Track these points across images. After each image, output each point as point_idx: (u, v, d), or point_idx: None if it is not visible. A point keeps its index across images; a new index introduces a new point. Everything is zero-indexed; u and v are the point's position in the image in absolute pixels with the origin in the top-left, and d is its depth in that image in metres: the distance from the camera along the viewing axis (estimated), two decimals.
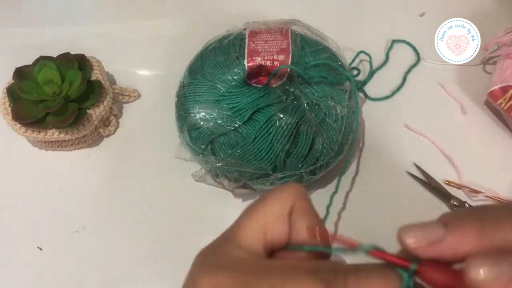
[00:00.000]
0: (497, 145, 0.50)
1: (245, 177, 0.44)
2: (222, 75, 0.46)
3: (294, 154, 0.43)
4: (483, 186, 0.47)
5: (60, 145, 0.50)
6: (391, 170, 0.49)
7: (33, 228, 0.47)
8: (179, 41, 0.57)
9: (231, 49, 0.47)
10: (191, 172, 0.47)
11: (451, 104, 0.53)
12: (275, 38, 0.47)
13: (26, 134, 0.47)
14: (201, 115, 0.45)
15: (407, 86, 0.54)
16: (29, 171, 0.50)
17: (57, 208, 0.48)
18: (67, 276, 0.44)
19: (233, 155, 0.43)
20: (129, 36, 0.58)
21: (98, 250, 0.46)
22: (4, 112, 0.48)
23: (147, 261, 0.45)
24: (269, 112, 0.44)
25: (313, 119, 0.44)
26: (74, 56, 0.50)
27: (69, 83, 0.47)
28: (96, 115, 0.49)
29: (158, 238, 0.46)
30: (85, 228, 0.47)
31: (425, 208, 0.47)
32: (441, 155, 0.49)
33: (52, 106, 0.46)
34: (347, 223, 0.46)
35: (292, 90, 0.45)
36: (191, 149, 0.45)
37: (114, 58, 0.55)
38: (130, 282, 0.44)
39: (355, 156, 0.50)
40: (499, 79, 0.49)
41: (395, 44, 0.56)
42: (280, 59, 0.45)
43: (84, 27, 0.59)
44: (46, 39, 0.58)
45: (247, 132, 0.43)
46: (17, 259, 0.45)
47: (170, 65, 0.55)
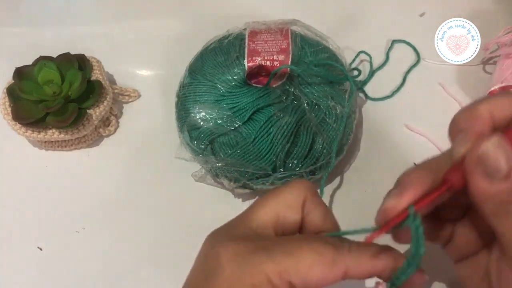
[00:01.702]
0: None
1: (245, 177, 0.44)
2: (222, 75, 0.46)
3: (294, 154, 0.43)
4: None
5: (60, 145, 0.50)
6: (391, 170, 0.49)
7: (33, 228, 0.47)
8: (179, 41, 0.57)
9: (231, 49, 0.47)
10: (191, 172, 0.47)
11: (451, 104, 0.53)
12: (275, 38, 0.47)
13: (26, 134, 0.47)
14: (201, 115, 0.45)
15: (407, 86, 0.54)
16: (29, 171, 0.50)
17: (57, 208, 0.48)
18: (67, 276, 0.44)
19: (233, 155, 0.43)
20: (129, 36, 0.58)
21: (98, 250, 0.46)
22: (4, 112, 0.48)
23: (147, 261, 0.45)
24: (269, 112, 0.44)
25: (313, 119, 0.44)
26: (74, 56, 0.50)
27: (69, 83, 0.47)
28: (96, 115, 0.49)
29: (158, 238, 0.46)
30: (85, 228, 0.47)
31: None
32: None
33: (52, 106, 0.46)
34: (347, 223, 0.46)
35: (292, 90, 0.45)
36: (191, 149, 0.45)
37: (114, 58, 0.55)
38: (130, 282, 0.44)
39: (355, 157, 0.50)
40: (499, 79, 0.49)
41: (395, 44, 0.56)
42: (280, 59, 0.45)
43: (84, 27, 0.59)
44: (46, 39, 0.58)
45: (247, 132, 0.43)
46: (17, 259, 0.45)
47: (170, 65, 0.55)
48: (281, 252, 0.24)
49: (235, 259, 0.25)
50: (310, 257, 0.24)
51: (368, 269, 0.25)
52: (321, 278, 0.24)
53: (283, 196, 0.29)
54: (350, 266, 0.25)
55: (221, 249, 0.25)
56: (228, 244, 0.26)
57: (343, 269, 0.24)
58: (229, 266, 0.25)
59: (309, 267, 0.24)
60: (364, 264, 0.25)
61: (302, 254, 0.24)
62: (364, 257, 0.25)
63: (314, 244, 0.25)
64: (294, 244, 0.25)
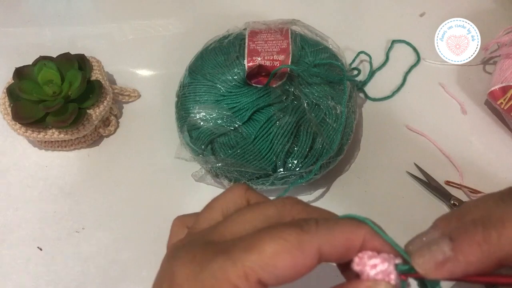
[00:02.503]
0: (497, 145, 0.50)
1: (245, 177, 0.44)
2: (222, 75, 0.46)
3: (294, 154, 0.43)
4: (483, 186, 0.47)
5: (60, 145, 0.50)
6: (391, 170, 0.49)
7: (33, 228, 0.47)
8: (179, 41, 0.57)
9: (231, 49, 0.47)
10: (191, 172, 0.47)
11: (451, 104, 0.53)
12: (275, 38, 0.47)
13: (26, 134, 0.47)
14: (201, 115, 0.45)
15: (407, 86, 0.54)
16: (29, 171, 0.50)
17: (57, 208, 0.48)
18: (67, 276, 0.44)
19: (233, 155, 0.43)
20: (129, 36, 0.58)
21: (98, 250, 0.46)
22: (4, 112, 0.48)
23: (147, 261, 0.45)
24: (269, 112, 0.44)
25: (313, 119, 0.44)
26: (74, 56, 0.50)
27: (69, 83, 0.47)
28: (96, 115, 0.49)
29: (158, 238, 0.46)
30: (85, 228, 0.47)
31: (425, 208, 0.47)
32: (441, 155, 0.49)
33: (52, 106, 0.46)
34: None
35: (292, 90, 0.45)
36: (191, 149, 0.45)
37: (114, 58, 0.55)
38: (130, 282, 0.44)
39: (355, 157, 0.50)
40: (499, 79, 0.49)
41: (395, 44, 0.56)
42: (280, 59, 0.45)
43: (84, 27, 0.59)
44: (46, 39, 0.58)
45: (247, 132, 0.43)
46: (17, 259, 0.45)
47: (170, 65, 0.55)
48: (241, 250, 0.21)
49: (192, 273, 0.22)
50: (274, 245, 0.21)
51: (343, 242, 0.22)
52: (293, 266, 0.21)
53: (223, 198, 0.27)
54: (323, 243, 0.21)
55: (177, 267, 0.23)
56: (184, 256, 0.23)
57: (315, 249, 0.21)
58: (187, 283, 0.22)
59: (275, 257, 0.21)
60: (338, 237, 0.22)
61: (264, 244, 0.21)
62: (335, 230, 0.22)
63: (275, 231, 0.22)
64: (254, 236, 0.22)
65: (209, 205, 0.27)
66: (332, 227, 0.22)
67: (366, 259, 0.22)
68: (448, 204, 0.46)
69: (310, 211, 0.24)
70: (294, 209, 0.24)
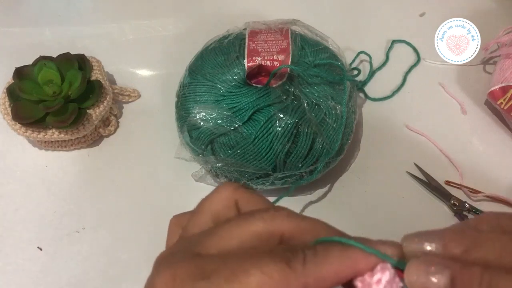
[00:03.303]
0: (497, 145, 0.50)
1: (245, 177, 0.44)
2: (222, 75, 0.46)
3: (294, 154, 0.43)
4: (483, 186, 0.47)
5: (60, 145, 0.50)
6: (391, 170, 0.49)
7: (33, 228, 0.47)
8: (179, 41, 0.57)
9: (231, 49, 0.47)
10: (191, 172, 0.47)
11: (451, 104, 0.53)
12: (275, 38, 0.47)
13: (26, 134, 0.47)
14: (201, 115, 0.45)
15: (407, 86, 0.54)
16: (29, 171, 0.50)
17: (57, 208, 0.48)
18: (67, 276, 0.44)
19: (233, 155, 0.43)
20: (129, 36, 0.58)
21: (98, 250, 0.46)
22: (4, 112, 0.48)
23: (147, 261, 0.45)
24: (269, 112, 0.44)
25: (313, 119, 0.44)
26: (74, 56, 0.50)
27: (69, 83, 0.47)
28: (96, 115, 0.49)
29: (158, 238, 0.46)
30: (85, 228, 0.47)
31: (425, 208, 0.47)
32: (441, 155, 0.49)
33: (52, 106, 0.46)
34: (347, 223, 0.46)
35: (292, 90, 0.45)
36: (191, 149, 0.45)
37: (114, 58, 0.55)
38: (130, 282, 0.44)
39: (355, 157, 0.50)
40: (499, 79, 0.49)
41: (395, 44, 0.56)
42: (280, 59, 0.45)
43: (84, 27, 0.59)
44: (46, 39, 0.58)
45: (247, 132, 0.43)
46: (17, 259, 0.45)
47: (170, 65, 0.55)
48: (223, 278, 0.21)
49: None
50: (257, 281, 0.20)
51: (332, 275, 0.21)
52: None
53: (210, 201, 0.27)
54: (310, 281, 0.21)
55: (158, 284, 0.23)
56: (165, 274, 0.23)
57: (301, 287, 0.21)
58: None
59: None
60: (327, 272, 0.21)
61: (247, 277, 0.20)
62: (324, 264, 0.21)
63: (261, 263, 0.21)
64: (238, 264, 0.21)
65: (198, 208, 0.27)
66: (321, 262, 0.21)
67: (368, 279, 0.21)
68: (448, 204, 0.46)
69: (302, 228, 0.24)
70: (285, 225, 0.23)
